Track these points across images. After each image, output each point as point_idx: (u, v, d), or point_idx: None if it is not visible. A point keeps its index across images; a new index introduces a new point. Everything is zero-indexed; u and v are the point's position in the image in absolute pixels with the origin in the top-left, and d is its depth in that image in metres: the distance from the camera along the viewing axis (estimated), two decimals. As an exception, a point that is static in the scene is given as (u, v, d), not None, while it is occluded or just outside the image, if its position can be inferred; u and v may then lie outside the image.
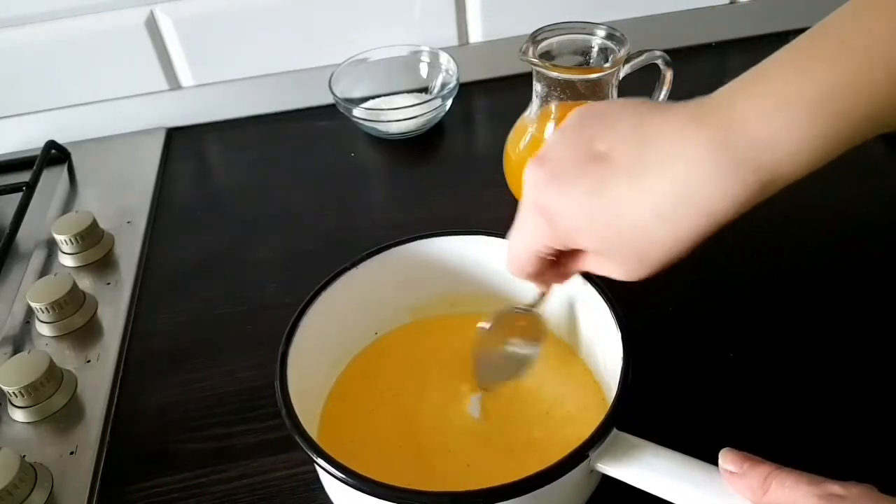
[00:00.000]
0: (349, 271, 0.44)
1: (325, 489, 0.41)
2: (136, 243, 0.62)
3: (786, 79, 0.29)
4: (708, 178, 0.30)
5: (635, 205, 0.31)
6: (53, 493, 0.44)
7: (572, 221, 0.33)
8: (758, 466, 0.31)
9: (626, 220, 0.31)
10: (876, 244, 0.55)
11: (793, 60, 0.30)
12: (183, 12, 0.71)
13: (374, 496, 0.33)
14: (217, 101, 0.76)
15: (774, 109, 0.29)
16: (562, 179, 0.33)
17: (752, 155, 0.29)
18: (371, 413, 0.44)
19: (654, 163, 0.31)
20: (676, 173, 0.30)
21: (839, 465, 0.31)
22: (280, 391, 0.38)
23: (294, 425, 0.36)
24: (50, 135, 0.72)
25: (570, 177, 0.32)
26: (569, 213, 0.33)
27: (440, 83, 0.73)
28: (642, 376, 0.37)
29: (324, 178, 0.68)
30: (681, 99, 0.33)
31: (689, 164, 0.30)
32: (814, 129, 0.29)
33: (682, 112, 0.31)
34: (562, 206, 0.33)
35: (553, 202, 0.33)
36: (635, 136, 0.32)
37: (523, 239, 0.36)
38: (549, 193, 0.33)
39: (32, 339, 0.54)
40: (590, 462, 0.35)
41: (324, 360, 0.45)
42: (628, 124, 0.32)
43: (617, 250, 0.33)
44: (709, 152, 0.30)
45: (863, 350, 0.47)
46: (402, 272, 0.46)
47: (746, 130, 0.29)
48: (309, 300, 0.43)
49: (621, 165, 0.31)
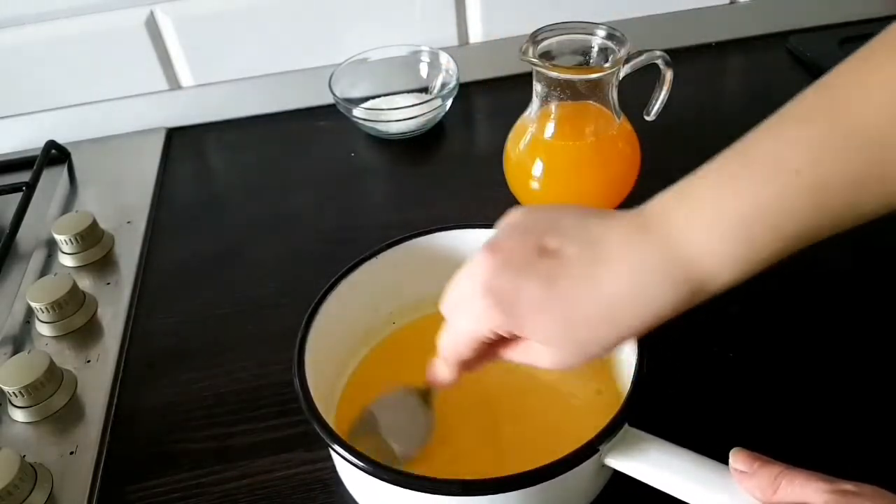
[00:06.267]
0: (368, 261, 0.45)
1: (340, 476, 0.41)
2: (136, 243, 0.62)
3: (714, 197, 0.31)
4: (649, 283, 0.32)
5: (586, 299, 0.32)
6: (53, 493, 0.44)
7: (524, 311, 0.33)
8: (768, 466, 0.32)
9: (577, 314, 0.32)
10: (875, 244, 0.55)
11: (721, 178, 0.32)
12: (183, 12, 0.71)
13: (386, 482, 0.34)
14: (217, 101, 0.76)
15: (703, 227, 0.31)
16: (517, 267, 0.33)
17: (685, 266, 0.31)
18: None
19: (604, 261, 0.32)
20: (623, 275, 0.32)
21: (840, 465, 0.31)
22: (298, 378, 0.38)
23: (311, 412, 0.37)
24: (50, 135, 0.72)
25: (525, 266, 0.33)
26: (521, 302, 0.33)
27: (440, 83, 0.73)
28: (643, 375, 0.37)
29: (324, 178, 0.68)
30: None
31: (634, 268, 0.32)
32: (739, 247, 0.31)
33: (625, 219, 0.33)
34: (515, 292, 0.33)
35: (508, 288, 0.33)
36: (583, 237, 0.33)
37: (468, 323, 0.35)
38: (504, 278, 0.33)
39: (32, 339, 0.54)
40: (600, 456, 0.35)
41: (341, 350, 0.45)
42: (574, 225, 0.34)
43: (561, 341, 0.33)
44: (650, 260, 0.32)
45: (863, 349, 0.47)
46: (421, 263, 0.46)
47: (679, 243, 0.31)
48: (327, 290, 0.43)
49: (573, 262, 0.33)
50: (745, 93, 0.74)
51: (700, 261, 0.31)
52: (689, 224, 0.31)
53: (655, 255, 0.32)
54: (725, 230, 0.31)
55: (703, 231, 0.31)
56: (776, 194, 0.30)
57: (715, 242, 0.31)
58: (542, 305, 0.32)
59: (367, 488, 0.38)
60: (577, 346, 0.33)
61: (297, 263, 0.59)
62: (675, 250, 0.31)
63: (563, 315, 0.32)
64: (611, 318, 0.32)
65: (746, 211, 0.30)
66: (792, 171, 0.30)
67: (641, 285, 0.32)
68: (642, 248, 0.32)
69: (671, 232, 0.32)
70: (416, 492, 0.34)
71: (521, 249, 0.34)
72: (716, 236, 0.31)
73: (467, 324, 0.35)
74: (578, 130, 0.55)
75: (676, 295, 0.31)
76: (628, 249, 0.32)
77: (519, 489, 0.33)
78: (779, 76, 0.73)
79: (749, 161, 0.31)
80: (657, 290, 0.31)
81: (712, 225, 0.31)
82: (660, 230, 0.32)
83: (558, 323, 0.33)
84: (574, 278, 0.32)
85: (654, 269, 0.31)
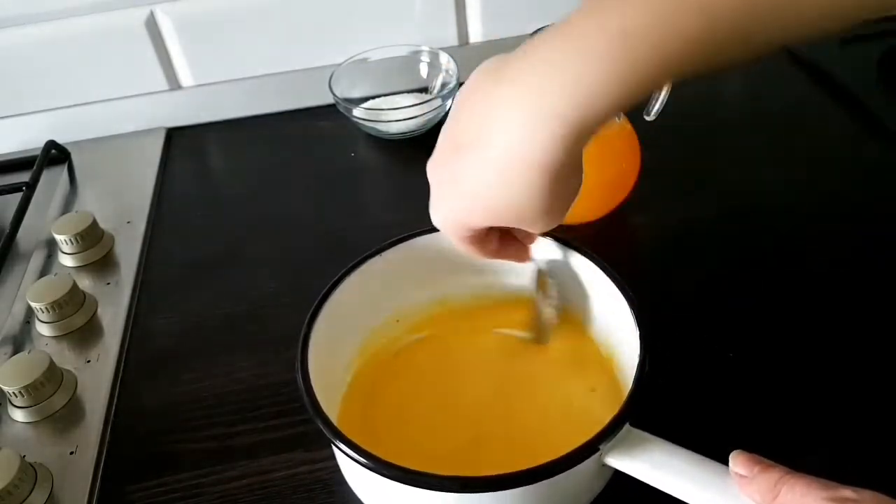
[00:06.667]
0: (370, 260, 0.45)
1: (343, 475, 0.41)
2: (136, 243, 0.62)
3: (594, 17, 0.30)
4: (526, 135, 0.31)
5: (483, 174, 0.34)
6: (53, 493, 0.44)
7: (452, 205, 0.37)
8: (768, 470, 0.31)
9: (482, 192, 0.34)
10: (874, 244, 0.55)
11: (596, 4, 0.30)
12: (183, 12, 0.71)
13: (387, 478, 0.34)
14: (217, 101, 0.76)
15: (573, 51, 0.30)
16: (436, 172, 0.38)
17: (555, 102, 0.30)
18: (390, 401, 0.44)
19: (492, 133, 0.33)
20: (504, 138, 0.32)
21: (840, 465, 0.32)
22: (301, 376, 0.38)
23: (315, 409, 0.37)
24: (50, 135, 0.72)
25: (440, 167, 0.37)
26: (446, 198, 0.37)
27: (440, 83, 0.73)
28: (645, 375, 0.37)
29: (324, 178, 0.68)
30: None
31: (511, 127, 0.32)
32: (613, 66, 0.29)
33: (503, 74, 0.33)
34: (440, 193, 0.38)
35: (435, 192, 0.38)
36: (476, 117, 0.34)
37: (444, 231, 0.39)
38: (433, 185, 0.38)
39: (32, 339, 0.54)
40: (601, 455, 0.35)
41: (343, 348, 0.45)
42: (473, 107, 0.35)
43: (500, 216, 0.35)
44: (522, 111, 0.32)
45: (862, 349, 0.47)
46: (422, 262, 0.46)
47: (547, 79, 0.31)
48: (330, 288, 0.43)
49: (469, 146, 0.34)
50: (745, 93, 0.74)
51: (570, 91, 0.30)
52: (556, 50, 0.31)
53: (525, 103, 0.31)
54: (597, 48, 0.29)
55: (571, 54, 0.30)
56: (661, 11, 0.28)
57: (583, 64, 0.30)
58: (456, 193, 0.36)
59: (371, 485, 0.38)
60: (517, 213, 0.35)
61: (297, 263, 0.59)
62: (543, 88, 0.31)
63: (474, 192, 0.35)
64: (508, 177, 0.33)
65: (628, 25, 0.29)
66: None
67: (518, 138, 0.32)
68: (514, 104, 0.32)
69: (537, 68, 0.31)
70: (418, 488, 0.34)
71: (439, 154, 0.37)
72: (586, 55, 0.29)
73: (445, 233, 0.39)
74: (578, 130, 0.55)
75: (552, 138, 0.31)
76: (507, 111, 0.32)
77: (519, 486, 0.33)
78: (779, 76, 0.73)
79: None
80: (533, 139, 0.31)
81: (581, 45, 0.30)
82: (528, 75, 0.32)
83: (477, 200, 0.35)
84: (472, 156, 0.34)
85: (525, 116, 0.31)
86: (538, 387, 0.44)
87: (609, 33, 0.29)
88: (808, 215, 0.58)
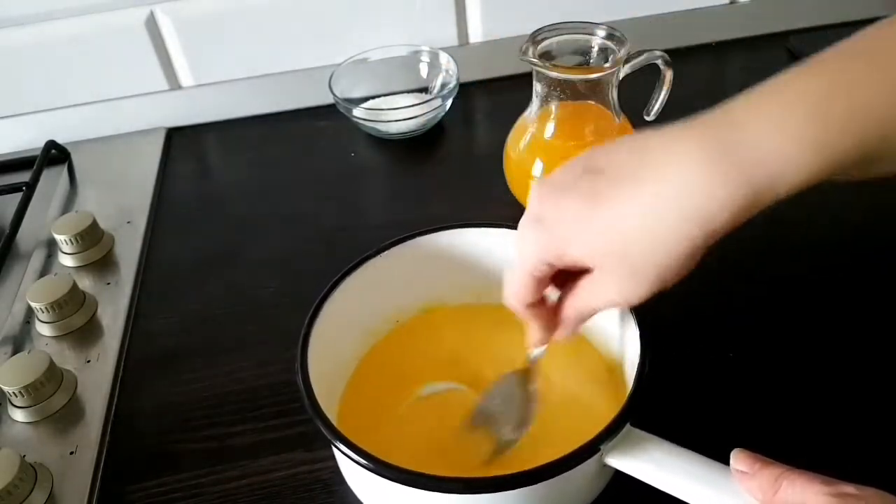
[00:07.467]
0: (370, 260, 0.45)
1: (343, 475, 0.41)
2: (136, 243, 0.62)
3: (791, 83, 0.29)
4: (698, 182, 0.29)
5: (626, 211, 0.31)
6: (53, 493, 0.44)
7: (566, 227, 0.32)
8: (769, 467, 0.31)
9: (620, 223, 0.31)
10: (874, 247, 0.55)
11: (801, 72, 0.29)
12: (183, 12, 0.71)
13: (388, 479, 0.34)
14: (217, 101, 0.76)
15: (773, 111, 0.29)
16: (560, 189, 0.33)
17: (746, 157, 0.29)
18: (390, 401, 0.44)
19: (649, 169, 0.30)
20: (667, 177, 0.30)
21: (840, 465, 0.31)
22: (301, 376, 0.38)
23: (314, 410, 0.37)
24: (50, 135, 0.72)
25: (568, 186, 0.33)
26: (563, 218, 0.32)
27: (440, 83, 0.73)
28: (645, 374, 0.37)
29: (324, 178, 0.68)
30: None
31: (682, 168, 0.29)
32: (809, 130, 0.28)
33: (682, 125, 0.31)
34: (557, 211, 0.33)
35: (549, 209, 0.33)
36: (633, 150, 0.32)
37: (520, 256, 0.35)
38: (546, 202, 0.33)
39: (32, 339, 0.54)
40: (601, 456, 0.35)
41: (343, 348, 0.45)
42: (630, 143, 0.33)
43: (608, 261, 0.32)
44: (700, 155, 0.29)
45: (862, 349, 0.47)
46: (422, 262, 0.46)
47: (742, 133, 0.29)
48: (330, 288, 0.43)
49: (616, 175, 0.31)
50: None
51: (765, 150, 0.28)
52: (754, 111, 0.29)
53: (708, 149, 0.28)
54: (798, 113, 0.28)
55: (770, 115, 0.28)
56: (852, 82, 0.27)
57: (782, 126, 0.28)
58: (582, 216, 0.31)
59: (371, 485, 0.38)
60: (629, 267, 0.31)
61: (297, 263, 0.59)
62: (734, 140, 0.28)
63: (605, 225, 0.30)
64: (651, 230, 0.29)
65: (824, 90, 0.27)
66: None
67: (686, 186, 0.28)
68: (690, 145, 0.29)
69: (730, 123, 0.29)
70: (417, 489, 0.34)
71: (567, 174, 0.33)
72: (786, 120, 0.28)
73: (519, 258, 0.34)
74: (578, 130, 0.55)
75: (729, 194, 0.28)
76: (675, 150, 0.29)
77: (520, 487, 0.33)
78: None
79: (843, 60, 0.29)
80: (707, 187, 0.28)
81: (782, 111, 0.28)
82: (717, 123, 0.29)
83: (600, 239, 0.31)
84: (616, 185, 0.30)
85: (705, 163, 0.28)
86: (538, 387, 0.44)
87: (804, 100, 0.28)
88: (808, 215, 0.58)
